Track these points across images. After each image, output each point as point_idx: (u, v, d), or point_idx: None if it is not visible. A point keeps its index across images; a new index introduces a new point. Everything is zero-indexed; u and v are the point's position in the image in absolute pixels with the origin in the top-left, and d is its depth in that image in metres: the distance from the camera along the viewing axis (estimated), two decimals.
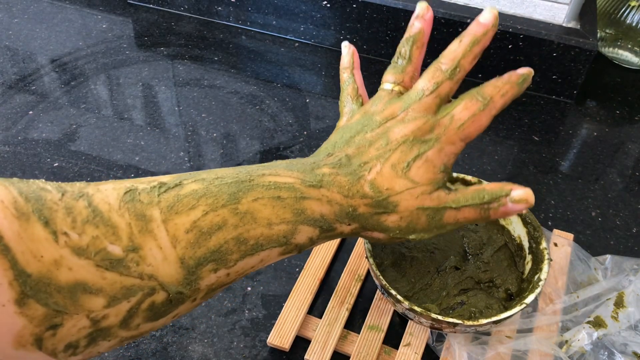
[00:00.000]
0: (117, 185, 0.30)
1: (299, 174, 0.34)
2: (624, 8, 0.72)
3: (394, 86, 0.39)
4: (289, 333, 0.45)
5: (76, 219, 0.27)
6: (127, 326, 0.29)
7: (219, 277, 0.31)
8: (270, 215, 0.32)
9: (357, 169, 0.35)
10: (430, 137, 0.36)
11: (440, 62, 0.37)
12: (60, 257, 0.26)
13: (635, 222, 0.57)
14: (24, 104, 0.68)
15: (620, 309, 0.46)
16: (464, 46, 0.37)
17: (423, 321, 0.41)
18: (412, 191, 0.35)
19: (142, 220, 0.29)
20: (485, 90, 0.36)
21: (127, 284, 0.28)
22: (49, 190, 0.28)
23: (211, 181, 0.32)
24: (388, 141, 0.36)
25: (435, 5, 0.70)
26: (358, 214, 0.35)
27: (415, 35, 0.39)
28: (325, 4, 0.74)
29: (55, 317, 0.26)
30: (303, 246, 0.34)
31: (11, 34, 0.79)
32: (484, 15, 0.37)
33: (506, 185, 0.36)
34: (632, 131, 0.68)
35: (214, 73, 0.74)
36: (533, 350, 0.43)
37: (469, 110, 0.36)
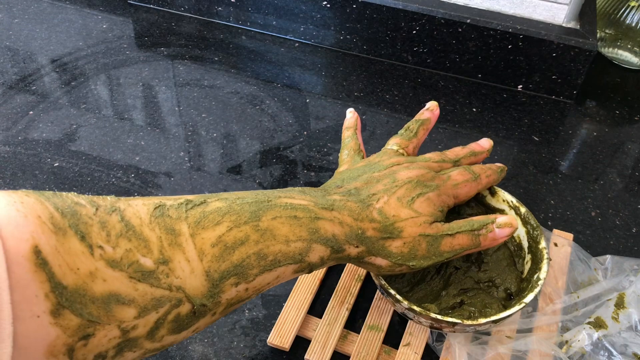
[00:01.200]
0: (147, 202, 0.32)
1: (312, 198, 0.37)
2: (623, 8, 0.72)
3: (399, 148, 0.46)
4: (289, 333, 0.45)
5: (110, 233, 0.28)
6: (153, 337, 0.30)
7: (239, 291, 0.33)
8: (288, 232, 0.34)
9: (366, 199, 0.39)
10: (432, 184, 0.42)
11: (446, 154, 0.46)
12: (96, 269, 0.27)
13: (635, 222, 0.57)
14: (24, 104, 0.68)
15: (621, 310, 0.46)
16: (465, 151, 0.47)
17: (422, 321, 0.41)
18: (415, 219, 0.39)
19: (172, 234, 0.30)
20: (474, 168, 0.45)
21: (157, 295, 0.29)
22: (83, 205, 0.29)
23: (233, 200, 0.34)
24: (394, 180, 0.41)
25: (435, 5, 0.70)
26: (366, 237, 0.38)
27: (424, 120, 0.48)
28: (325, 4, 0.74)
29: (89, 327, 0.27)
30: (314, 265, 0.36)
31: (11, 34, 0.79)
32: (484, 142, 0.48)
33: (491, 215, 0.42)
34: (632, 131, 0.68)
35: (214, 73, 0.74)
36: (533, 351, 0.43)
37: (463, 176, 0.44)
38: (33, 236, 0.26)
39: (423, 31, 0.72)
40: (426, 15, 0.70)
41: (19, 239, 0.25)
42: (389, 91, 0.72)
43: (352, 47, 0.77)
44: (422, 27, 0.71)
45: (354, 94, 0.71)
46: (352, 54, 0.78)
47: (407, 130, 0.47)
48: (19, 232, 0.25)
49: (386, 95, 0.71)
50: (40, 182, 0.59)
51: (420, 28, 0.72)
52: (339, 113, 0.68)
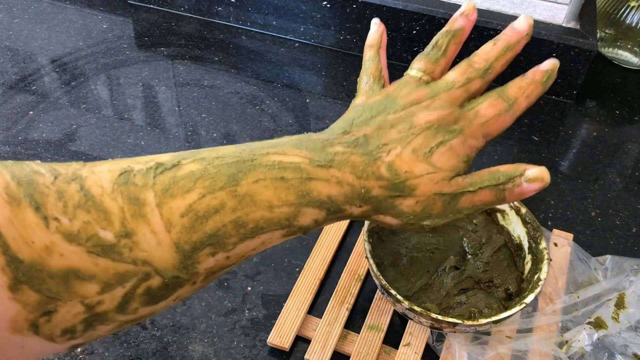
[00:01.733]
0: (113, 167, 0.29)
1: (308, 153, 0.33)
2: (623, 8, 0.72)
3: (422, 75, 0.37)
4: (289, 333, 0.45)
5: (67, 204, 0.26)
6: (125, 311, 0.28)
7: (218, 260, 0.30)
8: (271, 197, 0.30)
9: (375, 150, 0.34)
10: (455, 127, 0.35)
11: (474, 61, 0.37)
12: (52, 243, 0.25)
13: (635, 222, 0.57)
14: (24, 104, 0.68)
15: (621, 310, 0.46)
16: (498, 49, 0.37)
17: (423, 321, 0.41)
18: (432, 176, 0.34)
19: (135, 204, 0.28)
20: (509, 91, 0.36)
21: (120, 270, 0.27)
22: (42, 173, 0.27)
23: (211, 161, 0.30)
24: (411, 125, 0.34)
25: (436, 5, 0.70)
26: (371, 196, 0.33)
27: (455, 31, 0.38)
28: (325, 4, 0.74)
29: (49, 303, 0.25)
30: (308, 228, 0.33)
31: (11, 34, 0.79)
32: (520, 22, 0.37)
33: (520, 166, 0.35)
34: (632, 131, 0.68)
35: (214, 73, 0.74)
36: (533, 351, 0.43)
37: (494, 108, 0.36)
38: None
39: (423, 31, 0.72)
40: (426, 15, 0.70)
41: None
42: None
43: (352, 47, 0.77)
44: (422, 27, 0.71)
45: (354, 94, 0.71)
46: (352, 54, 0.78)
47: (434, 47, 0.38)
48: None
49: None
50: None
51: (420, 28, 0.72)
52: (339, 113, 0.68)
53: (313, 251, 0.51)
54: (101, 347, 0.45)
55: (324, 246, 0.52)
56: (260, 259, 0.52)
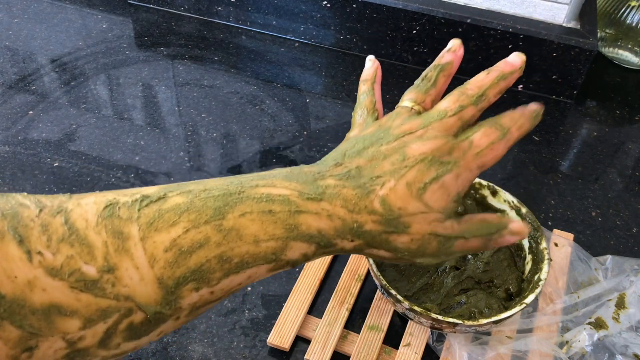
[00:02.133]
0: (99, 199, 0.29)
1: (298, 185, 0.32)
2: (624, 8, 0.72)
3: (414, 105, 0.37)
4: (289, 333, 0.45)
5: (51, 237, 0.26)
6: (106, 346, 0.28)
7: (202, 295, 0.30)
8: (257, 231, 0.30)
9: (368, 182, 0.33)
10: (449, 159, 0.34)
11: (466, 88, 0.37)
12: (34, 277, 0.25)
13: (636, 222, 0.57)
14: (24, 104, 0.68)
15: (622, 310, 0.46)
16: (492, 78, 0.37)
17: (423, 321, 0.41)
18: (425, 216, 0.33)
19: (119, 238, 0.27)
20: (503, 121, 0.36)
21: (102, 306, 0.27)
22: (27, 205, 0.27)
23: (197, 194, 0.30)
24: (405, 157, 0.34)
25: (436, 5, 0.70)
26: (364, 231, 0.32)
27: (444, 65, 0.39)
28: (325, 4, 0.74)
29: (30, 339, 0.25)
30: (296, 262, 0.32)
31: (11, 34, 0.79)
32: (513, 57, 0.38)
33: (503, 219, 0.37)
34: (632, 131, 0.68)
35: (214, 73, 0.74)
36: (533, 351, 0.43)
37: (488, 137, 0.35)
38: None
39: (423, 31, 0.72)
40: (426, 15, 0.70)
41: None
42: (389, 91, 0.72)
43: (352, 47, 0.77)
44: (422, 27, 0.71)
45: (354, 94, 0.71)
46: (352, 54, 0.78)
47: (424, 79, 0.38)
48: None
49: (386, 95, 0.71)
50: (40, 182, 0.58)
51: (420, 28, 0.72)
52: (339, 113, 0.68)
53: None
54: None
55: None
56: None
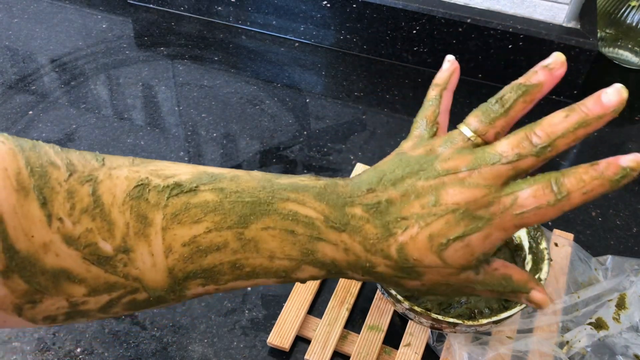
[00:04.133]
0: (132, 174, 0.28)
1: (326, 208, 0.31)
2: (624, 8, 0.72)
3: (473, 136, 0.32)
4: (289, 333, 0.45)
5: (75, 206, 0.26)
6: (105, 312, 0.29)
7: (207, 290, 0.30)
8: (275, 248, 0.30)
9: (392, 223, 0.31)
10: (483, 215, 0.30)
11: (534, 132, 0.31)
12: (50, 241, 0.26)
13: (636, 222, 0.57)
14: (24, 104, 0.68)
15: (622, 311, 0.46)
16: (569, 124, 0.31)
17: (423, 321, 0.41)
18: (440, 270, 0.31)
19: (142, 222, 0.28)
20: (565, 181, 0.29)
21: (110, 281, 0.27)
22: (57, 166, 0.27)
23: (228, 194, 0.30)
24: (437, 202, 0.31)
25: (436, 5, 0.70)
26: (375, 272, 0.32)
27: (530, 87, 0.33)
28: (325, 4, 0.74)
29: (36, 294, 0.26)
30: (303, 280, 0.32)
31: (11, 34, 0.79)
32: (610, 96, 0.31)
33: (530, 283, 0.33)
34: (633, 131, 0.68)
35: (214, 73, 0.74)
36: (533, 351, 0.43)
37: (537, 199, 0.30)
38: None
39: (423, 31, 0.72)
40: (426, 15, 0.70)
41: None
42: (389, 91, 0.72)
43: (352, 47, 0.77)
44: (422, 26, 0.71)
45: (354, 94, 0.71)
46: (352, 54, 0.78)
47: (498, 101, 0.32)
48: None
49: (386, 95, 0.71)
50: None
51: (420, 28, 0.72)
52: (339, 113, 0.68)
53: None
54: (101, 347, 0.45)
55: None
56: None
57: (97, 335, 0.46)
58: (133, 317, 0.47)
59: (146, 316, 0.47)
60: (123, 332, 0.46)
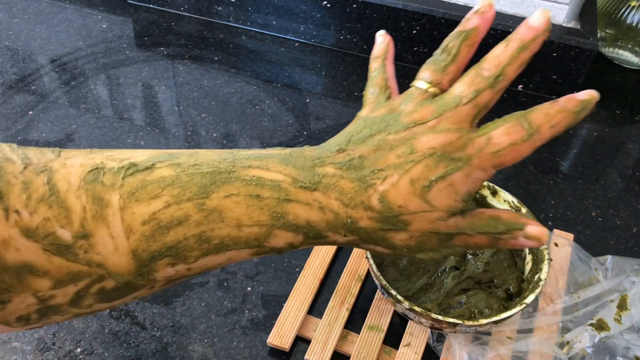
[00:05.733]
0: (87, 161, 0.28)
1: (293, 170, 0.30)
2: (624, 8, 0.72)
3: (429, 86, 0.34)
4: (289, 333, 0.45)
5: (31, 196, 0.26)
6: (78, 305, 0.28)
7: (178, 270, 0.29)
8: (241, 215, 0.29)
9: (369, 175, 0.31)
10: (461, 156, 0.31)
11: (482, 67, 0.32)
12: (9, 237, 0.25)
13: (636, 222, 0.57)
14: (23, 104, 0.68)
15: (624, 312, 0.46)
16: (510, 51, 0.32)
17: (423, 321, 0.41)
18: (427, 214, 0.31)
19: (99, 205, 0.27)
20: (533, 118, 0.31)
21: (73, 270, 0.27)
22: (13, 160, 0.26)
23: (186, 168, 0.29)
24: (412, 150, 0.31)
25: (436, 5, 0.70)
26: (358, 227, 0.31)
27: (469, 32, 0.34)
28: (325, 4, 0.74)
29: (2, 294, 0.26)
30: (281, 249, 0.31)
31: (11, 34, 0.79)
32: (535, 18, 0.32)
33: (522, 218, 0.32)
34: (632, 131, 0.68)
35: (214, 73, 0.74)
36: (534, 352, 0.43)
37: (510, 136, 0.30)
38: None
39: (423, 31, 0.72)
40: (426, 15, 0.70)
41: None
42: None
43: (352, 47, 0.77)
44: (422, 27, 0.71)
45: (354, 94, 0.71)
46: (352, 54, 0.78)
47: (444, 51, 0.34)
48: None
49: None
50: None
51: (420, 28, 0.72)
52: (339, 113, 0.68)
53: (313, 251, 0.51)
54: (101, 347, 0.45)
55: (324, 246, 0.51)
56: (260, 259, 0.52)
57: (97, 335, 0.46)
58: (133, 317, 0.47)
59: (146, 316, 0.47)
60: (123, 332, 0.46)
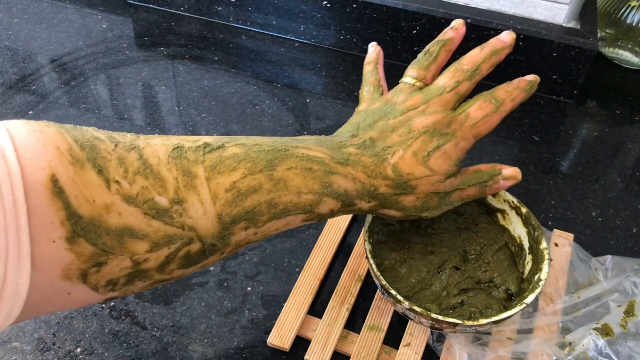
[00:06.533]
0: (165, 142, 0.33)
1: (328, 151, 0.37)
2: (624, 8, 0.72)
3: (415, 81, 0.42)
4: (289, 333, 0.45)
5: (128, 170, 0.29)
6: (163, 270, 0.32)
7: (248, 234, 0.34)
8: (300, 184, 0.35)
9: (381, 152, 0.39)
10: (448, 131, 0.40)
11: (462, 63, 0.42)
12: (111, 202, 0.28)
13: (636, 222, 0.57)
14: (24, 104, 0.68)
15: (630, 318, 0.45)
16: (485, 53, 0.42)
17: (423, 321, 0.41)
18: (429, 178, 0.39)
19: (188, 176, 0.31)
20: (497, 94, 0.41)
21: (169, 233, 0.30)
22: (102, 140, 0.30)
23: (250, 147, 0.34)
24: (410, 129, 0.39)
25: (436, 5, 0.70)
26: (378, 193, 0.38)
27: (446, 40, 0.43)
28: (325, 4, 0.74)
29: (102, 256, 0.28)
30: (324, 216, 0.37)
31: (11, 34, 0.79)
32: (504, 35, 0.43)
33: (497, 165, 0.43)
34: (632, 131, 0.68)
35: (214, 73, 0.74)
36: (534, 353, 0.43)
37: (482, 110, 0.40)
38: (51, 165, 0.27)
39: (423, 31, 0.72)
40: (426, 15, 0.70)
41: (37, 166, 0.26)
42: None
43: (352, 47, 0.77)
44: (422, 27, 0.71)
45: (354, 93, 0.71)
46: (352, 54, 0.78)
47: (426, 54, 0.43)
48: (37, 160, 0.26)
49: None
50: None
51: (420, 28, 0.72)
52: (339, 113, 0.68)
53: (313, 251, 0.51)
54: (101, 347, 0.45)
55: (324, 246, 0.52)
56: (260, 259, 0.52)
57: (97, 335, 0.46)
58: (133, 317, 0.47)
59: (146, 316, 0.47)
60: (123, 332, 0.46)
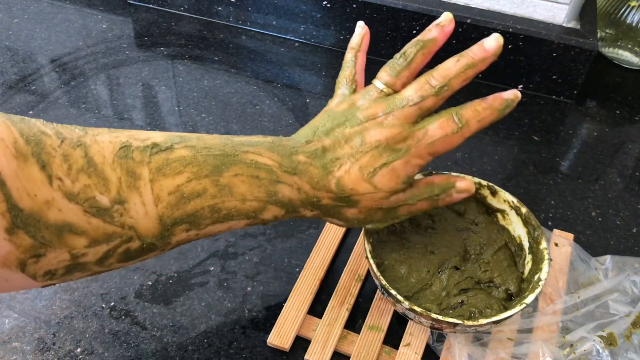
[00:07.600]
0: (114, 139, 0.32)
1: (278, 157, 0.37)
2: (624, 8, 0.72)
3: (385, 87, 0.39)
4: (289, 333, 0.45)
5: (72, 167, 0.29)
6: (102, 264, 0.32)
7: (189, 235, 0.35)
8: (246, 191, 0.35)
9: (329, 164, 0.38)
10: (401, 147, 0.38)
11: (432, 76, 0.38)
12: (52, 198, 0.28)
13: (636, 222, 0.57)
14: (24, 104, 0.68)
15: (636, 329, 0.44)
16: (459, 67, 0.38)
17: (423, 321, 0.41)
18: (372, 195, 0.38)
19: (132, 177, 0.31)
20: (463, 113, 0.38)
21: (108, 231, 0.31)
22: (49, 134, 0.30)
23: (199, 150, 0.34)
24: (363, 142, 0.38)
25: (436, 5, 0.70)
26: (321, 205, 0.39)
27: (426, 42, 0.39)
28: (325, 4, 0.74)
29: (40, 248, 0.29)
30: (267, 221, 0.38)
31: (11, 34, 0.79)
32: (490, 41, 0.38)
33: (451, 178, 0.42)
34: (632, 131, 0.68)
35: (214, 73, 0.74)
36: (534, 353, 0.43)
37: (442, 129, 0.37)
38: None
39: None
40: (426, 15, 0.70)
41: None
42: None
43: None
44: (422, 27, 0.71)
45: None
46: None
47: (402, 56, 0.39)
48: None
49: None
50: None
51: (420, 28, 0.72)
52: None
53: (313, 251, 0.51)
54: (101, 347, 0.45)
55: (324, 246, 0.52)
56: (260, 259, 0.52)
57: (97, 335, 0.46)
58: (133, 317, 0.47)
59: (146, 316, 0.47)
60: (123, 332, 0.46)
